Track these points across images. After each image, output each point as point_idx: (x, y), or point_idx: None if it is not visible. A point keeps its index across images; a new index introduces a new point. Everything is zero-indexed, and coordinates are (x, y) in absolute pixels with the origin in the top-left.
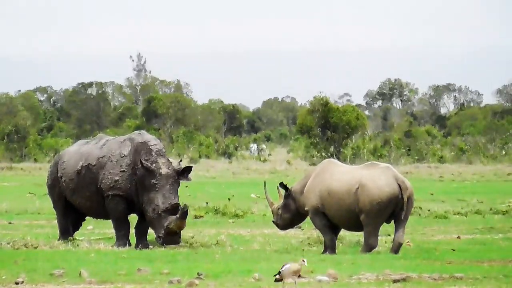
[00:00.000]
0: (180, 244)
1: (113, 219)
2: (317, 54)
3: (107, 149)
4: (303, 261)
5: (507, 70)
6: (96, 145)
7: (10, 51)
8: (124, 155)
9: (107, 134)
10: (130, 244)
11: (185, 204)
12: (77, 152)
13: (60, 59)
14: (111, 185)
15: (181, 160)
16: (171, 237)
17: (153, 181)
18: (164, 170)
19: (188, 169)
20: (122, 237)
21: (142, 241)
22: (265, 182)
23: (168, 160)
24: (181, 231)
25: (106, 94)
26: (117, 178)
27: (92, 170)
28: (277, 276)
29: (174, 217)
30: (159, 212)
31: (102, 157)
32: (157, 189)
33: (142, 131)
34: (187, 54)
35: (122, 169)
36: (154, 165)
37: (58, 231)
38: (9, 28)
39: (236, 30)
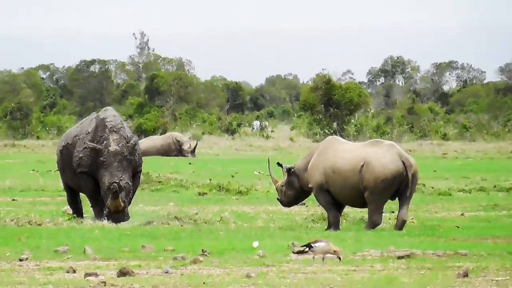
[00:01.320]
0: (126, 220)
1: (87, 196)
2: (320, 32)
3: (81, 127)
4: (339, 258)
5: (510, 48)
6: (77, 124)
7: (13, 28)
8: (88, 132)
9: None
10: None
11: (113, 184)
12: (67, 132)
13: (63, 37)
14: (78, 162)
15: (190, 137)
16: (115, 215)
17: (101, 158)
18: (112, 147)
19: (133, 146)
20: (98, 214)
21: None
22: (268, 159)
23: (122, 137)
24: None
25: (109, 72)
26: (81, 155)
27: (69, 149)
28: (305, 249)
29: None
30: (105, 189)
31: (75, 136)
32: (105, 166)
33: (108, 107)
34: (190, 32)
35: (84, 146)
36: (104, 142)
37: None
38: (11, 5)
39: (239, 8)
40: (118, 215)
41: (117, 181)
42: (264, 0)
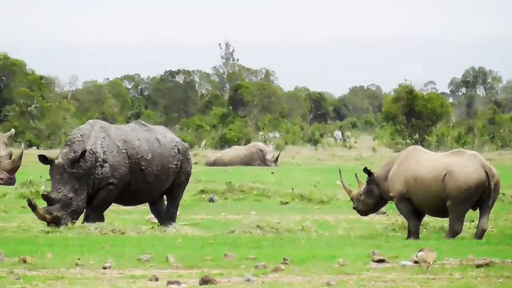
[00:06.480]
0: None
1: None
2: (402, 42)
3: None
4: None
5: None
6: None
7: (99, 39)
8: None
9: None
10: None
11: (28, 198)
12: None
13: (148, 48)
14: None
15: (275, 149)
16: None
17: (49, 171)
18: (57, 161)
19: (82, 155)
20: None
21: (166, 224)
22: (340, 170)
23: (72, 150)
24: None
25: (193, 82)
26: None
27: None
28: (415, 258)
29: None
30: None
31: None
32: (51, 177)
33: (95, 120)
34: (274, 43)
35: None
36: (57, 155)
37: None
38: (98, 17)
39: (321, 18)
40: (54, 225)
41: (47, 192)
42: (347, 10)
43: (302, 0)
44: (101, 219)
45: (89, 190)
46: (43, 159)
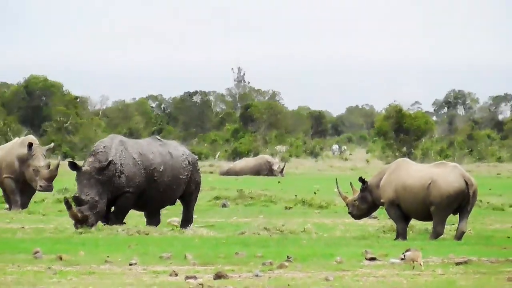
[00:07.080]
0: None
1: None
2: (391, 66)
3: None
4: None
5: None
6: None
7: (126, 63)
8: None
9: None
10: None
11: (65, 198)
12: None
13: (169, 71)
14: None
15: (281, 160)
16: (79, 224)
17: (76, 176)
18: (84, 168)
19: (109, 164)
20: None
21: (184, 227)
22: (336, 179)
23: (97, 160)
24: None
25: (209, 102)
26: None
27: None
28: (402, 256)
29: None
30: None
31: None
32: (79, 182)
33: (115, 134)
34: (279, 66)
35: None
36: (83, 163)
37: None
38: (126, 46)
39: (320, 46)
40: (82, 224)
41: (78, 194)
42: (340, 40)
43: (305, 30)
44: (122, 223)
45: (109, 195)
46: (73, 165)
